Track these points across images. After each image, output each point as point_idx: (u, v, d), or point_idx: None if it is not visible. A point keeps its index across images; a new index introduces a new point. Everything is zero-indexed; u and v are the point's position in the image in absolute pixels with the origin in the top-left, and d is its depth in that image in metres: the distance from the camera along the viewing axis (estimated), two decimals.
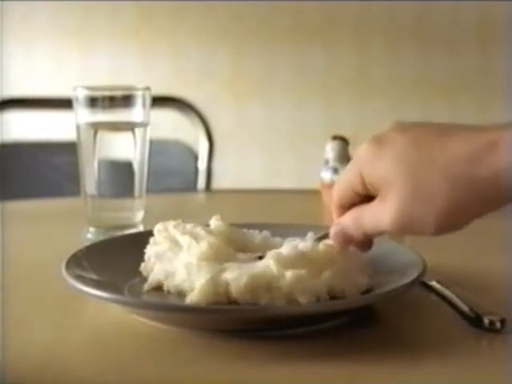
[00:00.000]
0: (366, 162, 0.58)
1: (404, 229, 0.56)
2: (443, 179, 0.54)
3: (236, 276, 0.60)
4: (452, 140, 0.54)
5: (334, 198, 0.62)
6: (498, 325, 0.60)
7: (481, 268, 0.80)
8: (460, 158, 0.54)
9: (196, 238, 0.66)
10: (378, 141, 0.57)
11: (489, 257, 0.85)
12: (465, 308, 0.63)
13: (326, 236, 0.65)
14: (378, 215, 0.57)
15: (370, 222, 0.59)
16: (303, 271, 0.61)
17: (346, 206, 0.62)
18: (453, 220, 0.56)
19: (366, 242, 0.62)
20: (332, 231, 0.63)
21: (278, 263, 0.61)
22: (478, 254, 0.87)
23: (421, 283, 0.69)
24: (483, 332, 0.60)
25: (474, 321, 0.61)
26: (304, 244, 0.65)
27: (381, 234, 0.60)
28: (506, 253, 0.85)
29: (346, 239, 0.62)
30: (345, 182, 0.61)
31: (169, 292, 0.66)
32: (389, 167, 0.56)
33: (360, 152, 0.58)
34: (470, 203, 0.54)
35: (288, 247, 0.65)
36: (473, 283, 0.73)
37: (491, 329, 0.60)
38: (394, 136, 0.57)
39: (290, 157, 2.59)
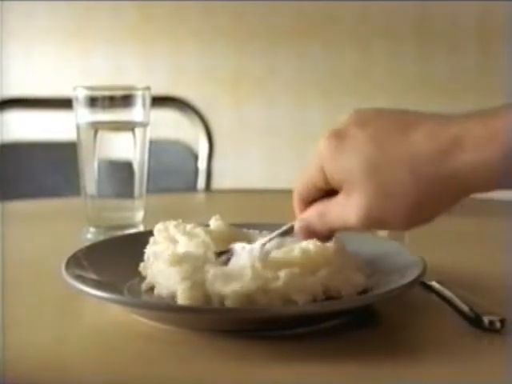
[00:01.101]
0: (328, 157, 0.57)
1: (371, 225, 0.57)
2: (407, 177, 0.54)
3: (231, 288, 0.59)
4: (415, 136, 0.54)
5: (294, 193, 0.62)
6: (498, 325, 0.60)
7: (481, 268, 0.80)
8: (423, 156, 0.53)
9: (192, 238, 0.66)
10: (339, 135, 0.56)
11: (489, 257, 0.85)
12: (465, 308, 0.63)
13: (290, 231, 0.64)
14: (345, 212, 0.57)
15: (337, 218, 0.58)
16: (297, 270, 0.61)
17: (308, 201, 0.61)
18: (419, 215, 0.56)
19: (329, 235, 0.62)
20: (297, 226, 0.62)
21: (268, 265, 0.61)
22: (478, 254, 0.87)
23: (421, 283, 0.69)
24: (483, 332, 0.60)
25: (474, 321, 0.61)
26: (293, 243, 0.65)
27: (347, 229, 0.60)
28: (505, 253, 0.85)
29: (311, 234, 0.62)
30: (306, 177, 0.60)
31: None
32: (351, 164, 0.55)
33: (320, 147, 0.57)
34: (436, 199, 0.55)
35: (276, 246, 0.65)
36: (473, 283, 0.73)
37: (491, 329, 0.60)
38: (354, 131, 0.56)
39: (290, 157, 2.59)
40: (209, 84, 2.57)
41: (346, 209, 0.57)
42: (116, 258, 0.71)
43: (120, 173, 0.94)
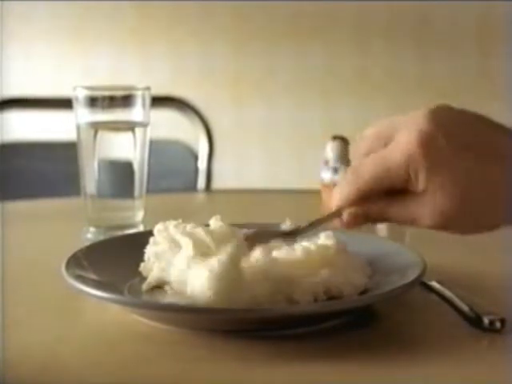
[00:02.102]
0: (419, 164, 0.57)
1: (439, 229, 0.60)
2: (497, 204, 0.58)
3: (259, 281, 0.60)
4: (505, 157, 0.57)
5: (360, 184, 0.60)
6: (498, 325, 0.60)
7: (481, 268, 0.80)
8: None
9: (194, 239, 0.66)
10: (429, 145, 0.57)
11: (489, 257, 0.85)
12: (465, 308, 0.63)
13: (331, 217, 0.64)
14: (419, 211, 0.59)
15: (407, 214, 0.60)
16: (300, 270, 0.61)
17: (369, 195, 0.61)
18: (485, 231, 0.61)
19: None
20: (351, 213, 0.62)
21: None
22: (478, 254, 0.87)
23: (421, 283, 0.69)
24: (483, 332, 0.60)
25: (474, 321, 0.61)
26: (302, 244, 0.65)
27: (410, 225, 0.61)
28: (505, 253, 0.85)
29: (362, 221, 0.62)
30: (382, 173, 0.59)
31: (169, 291, 0.66)
32: (444, 177, 0.57)
33: (408, 149, 0.58)
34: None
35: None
36: (473, 283, 0.73)
37: (491, 329, 0.60)
38: (444, 143, 0.57)
39: (290, 157, 2.59)
40: (209, 84, 2.57)
41: (420, 213, 0.59)
42: (116, 258, 0.71)
43: (120, 173, 0.94)
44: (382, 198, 0.60)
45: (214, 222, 0.71)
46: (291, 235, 0.67)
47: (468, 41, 2.52)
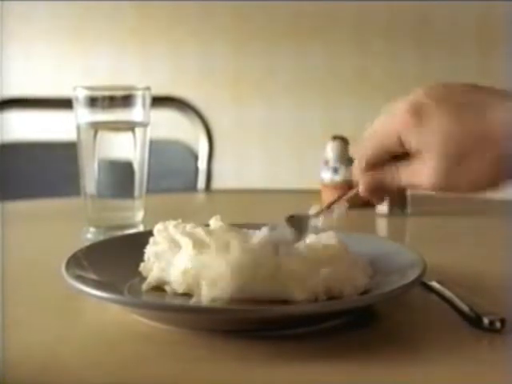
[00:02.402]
0: (407, 130, 0.61)
1: (440, 189, 0.62)
2: (485, 155, 0.59)
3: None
4: (492, 113, 0.59)
5: (360, 158, 0.65)
6: (498, 325, 0.60)
7: (481, 268, 0.80)
8: (499, 131, 0.58)
9: (194, 239, 0.66)
10: (418, 113, 0.61)
11: (489, 257, 0.85)
12: (465, 308, 0.63)
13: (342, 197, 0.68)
14: (419, 174, 0.62)
15: (410, 178, 0.63)
16: (301, 267, 0.61)
17: (374, 165, 0.65)
18: (486, 188, 0.61)
19: (392, 193, 0.67)
20: (365, 182, 0.66)
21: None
22: (478, 254, 0.87)
23: (421, 283, 0.69)
24: (483, 332, 0.60)
25: (474, 321, 0.61)
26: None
27: (416, 189, 0.65)
28: (505, 253, 0.85)
29: (379, 190, 0.65)
30: (377, 144, 0.64)
31: (169, 292, 0.66)
32: (431, 138, 0.60)
33: (397, 120, 0.62)
34: (507, 176, 0.60)
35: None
36: (473, 283, 0.73)
37: (491, 329, 0.60)
38: (432, 109, 0.60)
39: (290, 157, 2.59)
40: (209, 84, 2.57)
41: (421, 173, 0.62)
42: (116, 258, 0.71)
43: (120, 173, 0.94)
44: (391, 165, 0.64)
45: (214, 222, 0.71)
46: (318, 215, 0.70)
47: (468, 41, 2.52)
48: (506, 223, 1.02)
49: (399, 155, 0.63)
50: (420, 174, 0.62)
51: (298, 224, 0.69)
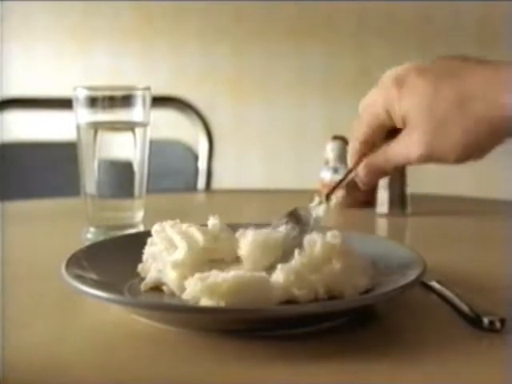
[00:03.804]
0: (393, 102, 0.64)
1: (430, 160, 0.63)
2: (461, 118, 0.60)
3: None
4: (470, 79, 0.60)
5: (356, 138, 0.67)
6: (498, 325, 0.60)
7: (481, 268, 0.80)
8: (474, 96, 0.60)
9: (188, 239, 0.67)
10: (401, 83, 0.64)
11: (489, 257, 0.85)
12: (465, 308, 0.63)
13: (344, 180, 0.70)
14: (407, 148, 0.63)
15: (400, 154, 0.64)
16: (301, 267, 0.61)
17: (370, 144, 0.66)
18: (471, 151, 0.62)
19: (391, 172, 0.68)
20: (362, 165, 0.67)
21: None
22: (478, 254, 0.87)
23: (421, 283, 0.69)
24: (483, 332, 0.60)
25: (474, 321, 0.61)
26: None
27: (409, 164, 0.66)
28: (505, 253, 0.86)
29: (376, 171, 0.67)
30: (372, 118, 0.66)
31: (166, 292, 0.66)
32: (412, 106, 0.62)
33: (383, 92, 0.65)
34: (485, 137, 0.60)
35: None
36: (473, 283, 0.73)
37: (491, 329, 0.60)
38: (414, 78, 0.63)
39: (290, 157, 2.59)
40: (209, 84, 2.57)
41: (408, 145, 0.63)
42: (116, 258, 0.71)
43: (120, 173, 0.94)
44: (383, 143, 0.66)
45: (212, 222, 0.71)
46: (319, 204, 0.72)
47: (468, 41, 2.51)
48: (506, 223, 1.02)
49: (395, 135, 0.65)
50: (408, 146, 0.63)
51: (300, 218, 0.69)
